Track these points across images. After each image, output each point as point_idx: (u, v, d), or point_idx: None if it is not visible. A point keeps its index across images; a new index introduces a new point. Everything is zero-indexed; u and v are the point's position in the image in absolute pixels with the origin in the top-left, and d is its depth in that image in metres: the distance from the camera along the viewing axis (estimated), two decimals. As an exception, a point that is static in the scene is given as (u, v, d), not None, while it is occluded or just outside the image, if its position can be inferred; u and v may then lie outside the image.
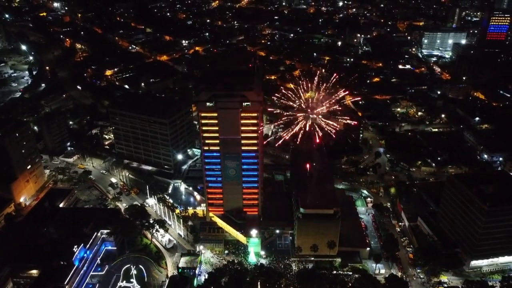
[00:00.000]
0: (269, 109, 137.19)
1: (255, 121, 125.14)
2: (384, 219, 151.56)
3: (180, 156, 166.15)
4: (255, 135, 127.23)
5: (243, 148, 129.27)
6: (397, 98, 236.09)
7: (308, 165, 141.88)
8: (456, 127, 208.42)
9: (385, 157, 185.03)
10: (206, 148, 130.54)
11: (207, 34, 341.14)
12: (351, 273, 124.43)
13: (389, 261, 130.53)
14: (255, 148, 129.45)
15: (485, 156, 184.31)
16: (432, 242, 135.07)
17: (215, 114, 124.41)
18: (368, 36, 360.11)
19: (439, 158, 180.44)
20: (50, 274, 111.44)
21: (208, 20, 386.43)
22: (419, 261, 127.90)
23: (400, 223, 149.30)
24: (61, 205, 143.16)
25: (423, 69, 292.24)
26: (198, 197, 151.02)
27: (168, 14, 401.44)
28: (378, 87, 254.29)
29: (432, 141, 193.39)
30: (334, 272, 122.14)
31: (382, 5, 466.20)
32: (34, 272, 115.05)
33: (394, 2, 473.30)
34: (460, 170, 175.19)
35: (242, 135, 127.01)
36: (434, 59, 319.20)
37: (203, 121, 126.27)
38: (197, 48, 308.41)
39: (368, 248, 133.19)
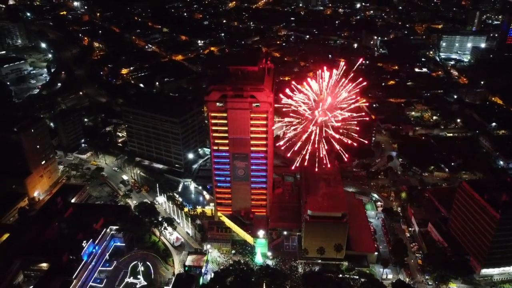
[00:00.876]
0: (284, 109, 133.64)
1: (264, 122, 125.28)
2: (394, 223, 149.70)
3: (191, 155, 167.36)
4: (264, 135, 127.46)
5: (252, 148, 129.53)
6: (412, 102, 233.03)
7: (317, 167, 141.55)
8: (471, 132, 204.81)
9: (397, 161, 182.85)
10: (215, 147, 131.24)
11: (222, 34, 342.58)
12: (357, 277, 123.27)
13: (397, 267, 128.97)
14: (264, 148, 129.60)
15: (501, 162, 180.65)
16: (442, 248, 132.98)
17: (225, 114, 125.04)
18: (385, 38, 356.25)
19: (452, 164, 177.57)
20: (59, 268, 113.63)
21: (224, 21, 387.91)
22: (427, 267, 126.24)
23: (410, 228, 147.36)
24: (72, 201, 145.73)
25: (440, 72, 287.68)
26: (207, 196, 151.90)
27: (185, 14, 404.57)
28: (393, 90, 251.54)
29: (446, 146, 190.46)
30: (340, 275, 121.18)
31: (400, 7, 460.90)
32: (44, 265, 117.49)
33: (413, 4, 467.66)
34: (474, 176, 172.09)
35: (251, 135, 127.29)
36: (452, 62, 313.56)
37: (212, 121, 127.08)
38: (212, 48, 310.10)
39: (376, 253, 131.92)
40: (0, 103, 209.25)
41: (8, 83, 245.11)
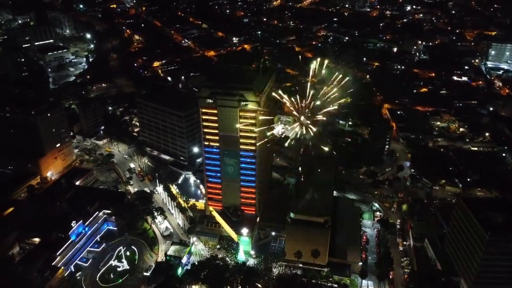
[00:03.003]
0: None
1: (253, 121, 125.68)
2: (390, 235, 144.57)
3: (196, 149, 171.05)
4: (253, 135, 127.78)
5: (241, 146, 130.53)
6: (440, 111, 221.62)
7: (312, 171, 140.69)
8: (498, 147, 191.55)
9: (409, 172, 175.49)
10: (206, 143, 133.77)
11: (259, 32, 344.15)
12: (335, 285, 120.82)
13: (379, 280, 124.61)
14: (253, 148, 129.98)
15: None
16: (433, 266, 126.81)
17: (215, 111, 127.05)
18: (430, 43, 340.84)
19: (468, 179, 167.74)
20: (47, 244, 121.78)
21: (264, 19, 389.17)
22: (411, 284, 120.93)
23: (405, 242, 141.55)
24: (77, 183, 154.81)
25: (480, 82, 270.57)
26: (203, 190, 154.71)
27: (227, 11, 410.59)
28: (423, 98, 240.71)
29: (465, 160, 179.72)
30: (314, 281, 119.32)
31: (453, 12, 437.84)
32: (37, 240, 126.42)
33: (468, 9, 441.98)
34: (490, 194, 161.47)
35: (240, 133, 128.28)
36: (499, 72, 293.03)
37: (203, 117, 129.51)
38: (245, 46, 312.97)
39: (360, 263, 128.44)
40: (37, 88, 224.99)
41: (49, 70, 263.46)
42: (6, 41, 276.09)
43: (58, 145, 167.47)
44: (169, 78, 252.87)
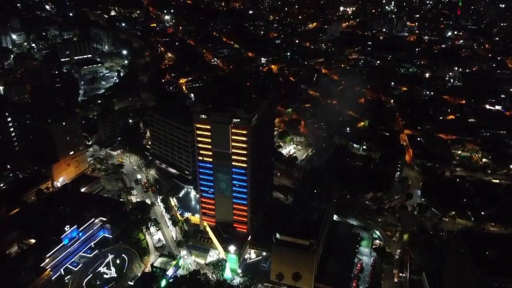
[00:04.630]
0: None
1: (244, 138, 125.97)
2: (388, 265, 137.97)
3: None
4: (245, 152, 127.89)
5: (233, 163, 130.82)
6: (463, 140, 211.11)
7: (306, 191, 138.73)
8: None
9: (419, 200, 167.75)
10: (200, 158, 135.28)
11: (288, 53, 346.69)
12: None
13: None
14: (245, 165, 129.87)
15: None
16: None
17: (208, 127, 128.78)
18: (466, 70, 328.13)
19: (482, 212, 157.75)
20: (41, 245, 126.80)
21: (297, 41, 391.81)
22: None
23: (402, 274, 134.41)
24: (82, 190, 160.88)
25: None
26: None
27: (262, 32, 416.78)
28: (449, 125, 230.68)
29: (482, 192, 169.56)
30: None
31: (497, 38, 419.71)
32: (33, 241, 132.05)
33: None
34: (505, 230, 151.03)
35: (232, 150, 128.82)
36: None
37: (197, 132, 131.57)
38: (272, 66, 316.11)
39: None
40: (67, 99, 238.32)
41: (83, 82, 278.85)
42: (47, 55, 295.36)
43: (72, 152, 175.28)
44: (191, 95, 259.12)
